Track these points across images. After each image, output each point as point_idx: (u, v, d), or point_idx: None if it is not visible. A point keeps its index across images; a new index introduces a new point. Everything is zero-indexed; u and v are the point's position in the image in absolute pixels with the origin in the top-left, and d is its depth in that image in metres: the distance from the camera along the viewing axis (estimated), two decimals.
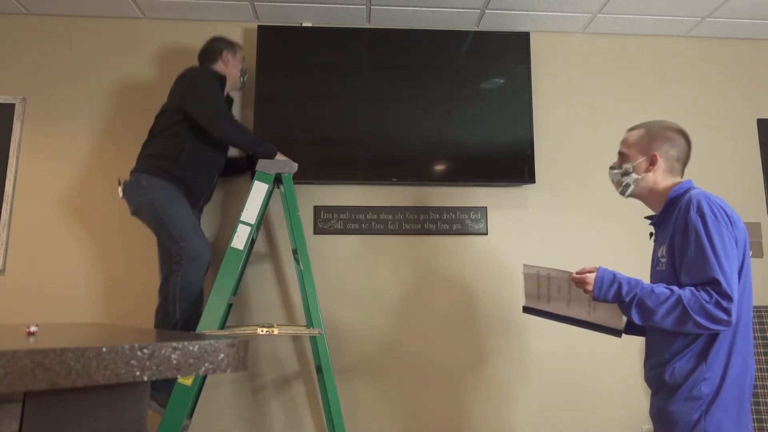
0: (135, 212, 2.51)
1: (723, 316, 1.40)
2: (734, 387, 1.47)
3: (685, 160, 1.69)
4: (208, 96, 2.50)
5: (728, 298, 1.40)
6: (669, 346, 1.55)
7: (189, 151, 2.52)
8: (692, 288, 1.44)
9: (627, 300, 1.49)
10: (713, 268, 1.43)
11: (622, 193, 1.73)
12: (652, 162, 1.66)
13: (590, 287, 1.53)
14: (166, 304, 2.53)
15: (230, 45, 2.73)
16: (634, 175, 1.68)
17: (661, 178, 1.66)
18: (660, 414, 1.57)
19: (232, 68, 2.71)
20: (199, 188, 2.62)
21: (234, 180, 2.98)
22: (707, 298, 1.41)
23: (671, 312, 1.44)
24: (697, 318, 1.41)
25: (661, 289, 1.47)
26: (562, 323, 1.75)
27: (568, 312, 1.70)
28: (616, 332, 1.67)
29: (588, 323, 1.70)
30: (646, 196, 1.70)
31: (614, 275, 1.53)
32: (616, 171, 1.73)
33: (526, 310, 1.82)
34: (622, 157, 1.72)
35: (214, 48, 2.70)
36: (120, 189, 2.52)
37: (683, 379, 1.50)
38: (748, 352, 1.51)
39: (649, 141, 1.67)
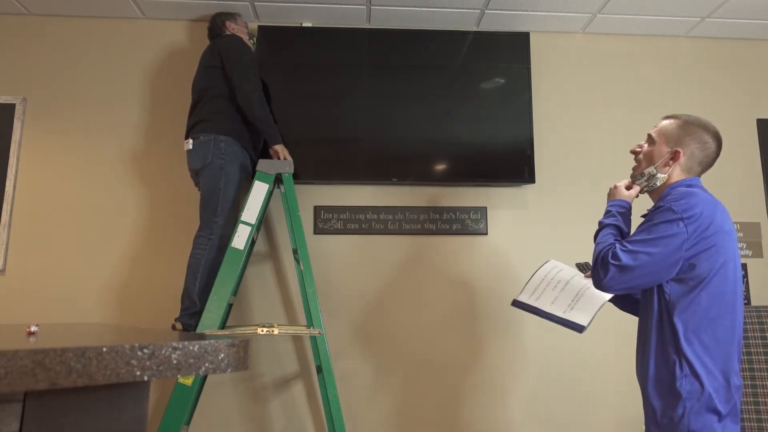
0: (199, 169, 2.58)
1: (611, 260, 1.52)
2: (720, 387, 1.46)
3: (707, 165, 1.65)
4: (247, 64, 2.65)
5: (616, 257, 1.52)
6: (654, 342, 1.55)
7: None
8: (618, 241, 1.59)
9: (600, 222, 1.72)
10: (633, 235, 1.56)
11: (642, 190, 1.73)
12: (674, 157, 1.62)
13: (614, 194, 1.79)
14: None
15: (230, 15, 2.87)
16: (660, 175, 1.65)
17: (674, 174, 1.63)
18: (646, 409, 1.58)
19: (239, 34, 2.82)
20: (257, 147, 2.78)
21: None
22: (612, 245, 1.56)
23: (597, 240, 1.65)
24: (597, 253, 1.59)
25: (607, 235, 1.66)
26: (537, 316, 1.88)
27: (550, 309, 1.85)
28: (579, 327, 1.77)
29: (558, 318, 1.83)
30: (654, 191, 1.69)
31: (625, 208, 1.75)
32: (640, 180, 1.70)
33: (516, 303, 1.93)
34: (650, 139, 1.69)
35: (217, 22, 2.84)
36: (190, 142, 2.58)
37: (668, 376, 1.50)
38: (732, 349, 1.50)
39: (680, 135, 1.63)
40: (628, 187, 1.75)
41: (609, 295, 1.80)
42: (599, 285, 1.56)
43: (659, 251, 1.48)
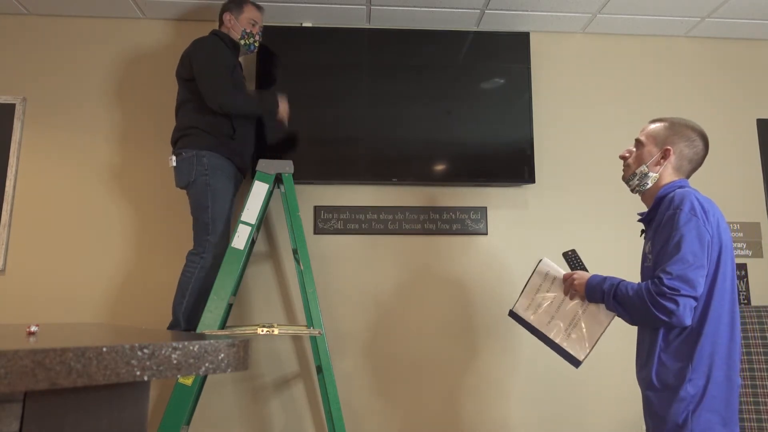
0: (184, 186, 2.53)
1: (670, 305, 1.43)
2: (720, 388, 1.47)
3: (696, 163, 1.68)
4: (218, 74, 2.50)
5: (673, 289, 1.43)
6: (654, 346, 1.56)
7: (239, 122, 2.59)
8: (648, 281, 1.50)
9: (606, 291, 1.60)
10: (670, 260, 1.47)
11: (634, 190, 1.75)
12: (664, 156, 1.66)
13: (582, 281, 1.68)
14: None
15: (233, 4, 2.67)
16: (651, 174, 1.68)
17: (666, 174, 1.67)
18: (649, 413, 1.58)
19: (232, 31, 2.66)
20: (247, 155, 2.72)
21: None
22: (654, 288, 1.46)
23: (632, 303, 1.52)
24: (651, 307, 1.46)
25: (632, 284, 1.56)
26: (535, 337, 1.84)
27: (545, 330, 1.81)
28: (575, 361, 1.74)
29: (556, 345, 1.78)
30: (646, 191, 1.71)
31: (604, 277, 1.65)
32: (633, 180, 1.72)
33: (512, 314, 1.90)
34: (638, 144, 1.72)
35: (220, 15, 2.69)
36: (173, 158, 2.53)
37: (669, 379, 1.51)
38: (733, 349, 1.51)
39: (667, 134, 1.67)
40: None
41: (604, 327, 1.72)
42: (679, 322, 1.46)
43: (700, 250, 1.48)
